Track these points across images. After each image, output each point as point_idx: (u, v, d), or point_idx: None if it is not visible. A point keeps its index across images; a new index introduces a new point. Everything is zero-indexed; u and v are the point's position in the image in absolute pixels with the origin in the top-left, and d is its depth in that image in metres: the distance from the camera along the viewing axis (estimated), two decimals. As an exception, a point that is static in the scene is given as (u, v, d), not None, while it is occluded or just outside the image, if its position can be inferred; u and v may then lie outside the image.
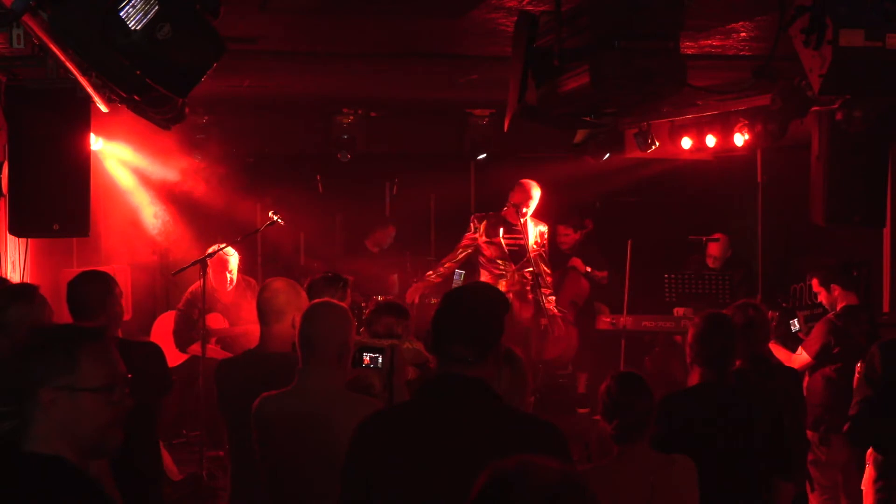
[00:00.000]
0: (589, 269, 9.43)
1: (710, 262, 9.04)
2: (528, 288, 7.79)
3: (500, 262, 8.35)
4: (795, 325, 6.36)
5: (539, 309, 7.89)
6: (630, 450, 3.73)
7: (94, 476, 2.56)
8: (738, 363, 4.89)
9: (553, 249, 9.42)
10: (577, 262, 9.57)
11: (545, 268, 8.43)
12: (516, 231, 8.31)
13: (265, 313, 4.44)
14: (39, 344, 2.45)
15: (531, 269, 8.11)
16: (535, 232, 8.13)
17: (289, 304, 4.45)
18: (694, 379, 4.32)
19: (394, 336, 4.59)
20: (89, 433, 2.43)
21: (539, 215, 8.62)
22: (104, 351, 2.47)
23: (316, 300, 4.03)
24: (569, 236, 9.70)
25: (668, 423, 4.01)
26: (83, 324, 3.57)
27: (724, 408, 4.17)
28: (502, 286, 8.00)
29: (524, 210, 8.17)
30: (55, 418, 2.39)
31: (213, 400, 4.70)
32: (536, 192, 8.27)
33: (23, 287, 4.40)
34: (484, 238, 8.46)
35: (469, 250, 8.61)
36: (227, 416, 4.48)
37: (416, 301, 8.47)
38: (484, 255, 8.53)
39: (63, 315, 4.67)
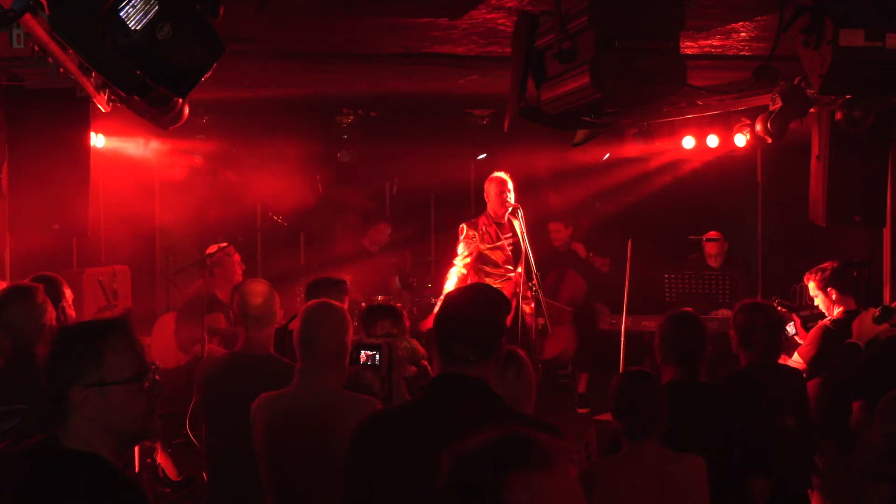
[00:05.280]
0: (591, 254, 9.45)
1: (711, 262, 9.04)
2: (527, 286, 7.72)
3: (502, 266, 8.18)
4: (791, 329, 6.32)
5: (538, 308, 7.83)
6: (639, 446, 3.74)
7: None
8: (742, 363, 4.90)
9: (548, 247, 9.41)
10: (578, 246, 9.58)
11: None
12: (506, 229, 8.13)
13: (249, 318, 4.45)
14: (66, 344, 2.46)
15: (521, 268, 7.93)
16: (522, 225, 7.85)
17: (271, 307, 4.48)
18: (665, 378, 4.32)
19: (391, 337, 4.60)
20: (125, 425, 2.45)
21: (538, 214, 8.53)
22: (129, 341, 2.48)
23: (314, 301, 4.03)
24: (560, 232, 9.68)
25: None
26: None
27: (692, 406, 4.16)
28: (507, 290, 7.85)
29: (508, 195, 7.92)
30: (90, 415, 2.40)
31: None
32: (506, 176, 8.05)
33: (24, 287, 4.39)
34: (485, 245, 8.17)
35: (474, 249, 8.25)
36: (209, 418, 4.51)
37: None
38: (482, 262, 8.20)
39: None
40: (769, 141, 5.90)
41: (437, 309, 2.93)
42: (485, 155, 10.26)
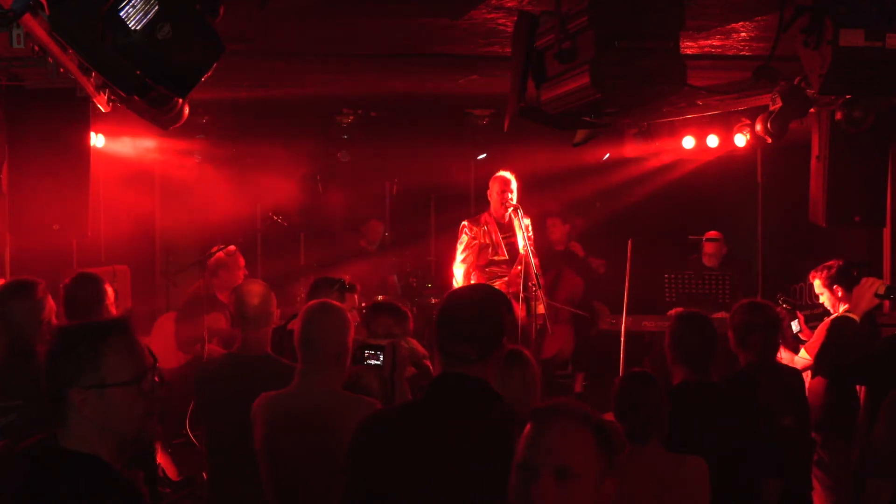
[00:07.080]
0: (587, 256, 9.46)
1: (706, 261, 9.04)
2: (528, 286, 7.70)
3: (501, 263, 8.19)
4: (796, 326, 6.33)
5: (537, 307, 7.81)
6: (641, 449, 3.73)
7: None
8: (741, 363, 4.90)
9: (546, 247, 9.39)
10: (576, 246, 9.58)
11: (536, 261, 8.16)
12: (506, 229, 8.14)
13: (246, 318, 4.45)
14: (65, 344, 2.44)
15: (521, 267, 7.92)
16: (522, 225, 7.87)
17: (268, 307, 4.49)
18: (676, 379, 4.32)
19: (392, 336, 4.60)
20: (125, 427, 2.44)
21: (538, 214, 8.53)
22: (129, 343, 2.47)
23: (314, 301, 4.03)
24: (557, 227, 9.67)
25: None
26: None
27: (704, 407, 4.16)
28: (502, 288, 7.86)
29: (509, 196, 7.92)
30: (89, 417, 2.39)
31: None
32: (510, 175, 8.04)
33: (24, 282, 4.36)
34: (485, 241, 8.17)
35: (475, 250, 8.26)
36: (208, 419, 4.52)
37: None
38: (482, 260, 8.22)
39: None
40: (769, 141, 5.90)
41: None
42: (485, 155, 10.26)
